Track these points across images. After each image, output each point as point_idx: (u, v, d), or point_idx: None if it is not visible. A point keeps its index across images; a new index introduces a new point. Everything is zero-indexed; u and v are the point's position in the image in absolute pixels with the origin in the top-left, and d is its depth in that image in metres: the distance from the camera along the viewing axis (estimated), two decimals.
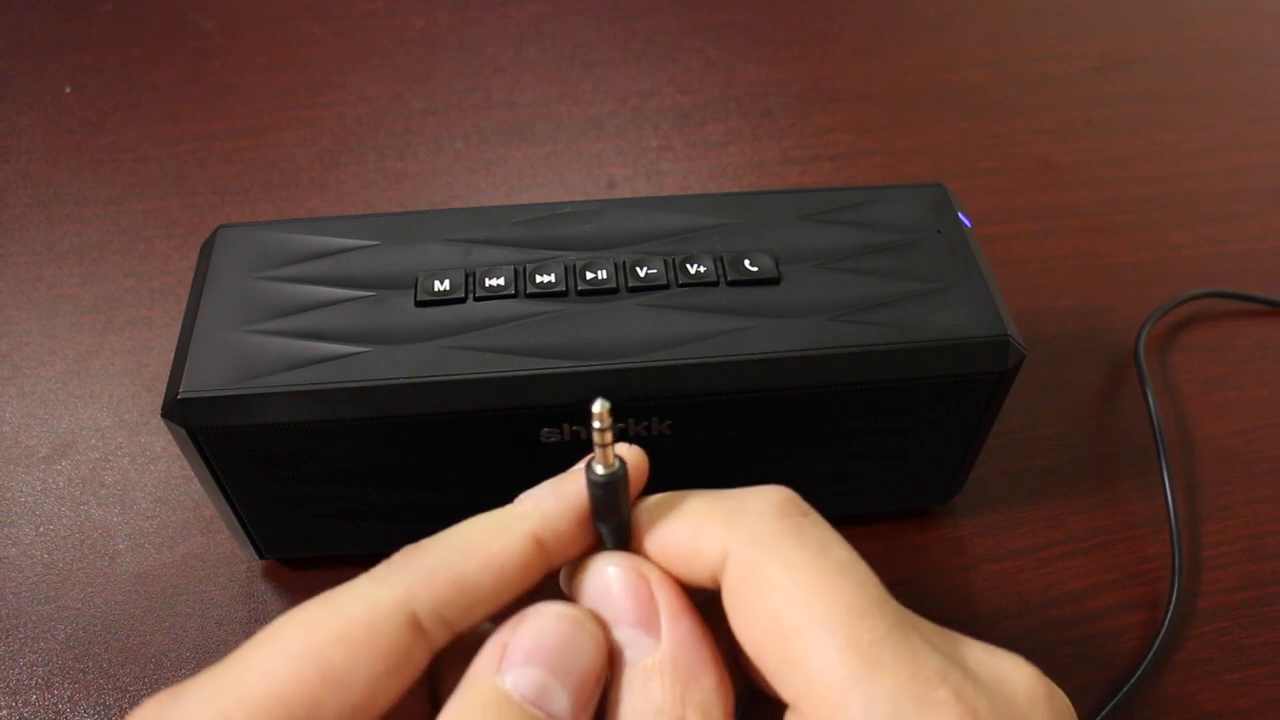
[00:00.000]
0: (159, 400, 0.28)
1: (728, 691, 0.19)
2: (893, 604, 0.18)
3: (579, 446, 0.29)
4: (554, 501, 0.21)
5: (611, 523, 0.21)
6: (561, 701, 0.20)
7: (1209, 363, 0.41)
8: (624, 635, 0.20)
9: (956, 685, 0.17)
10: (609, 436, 0.19)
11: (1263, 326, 0.42)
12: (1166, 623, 0.32)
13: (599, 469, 0.20)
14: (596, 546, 0.22)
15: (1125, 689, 0.31)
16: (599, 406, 0.19)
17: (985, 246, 0.31)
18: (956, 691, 0.17)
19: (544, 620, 0.20)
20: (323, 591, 0.20)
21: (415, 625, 0.19)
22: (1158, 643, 0.32)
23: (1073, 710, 0.19)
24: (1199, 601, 0.33)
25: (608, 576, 0.20)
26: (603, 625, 0.20)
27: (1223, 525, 0.35)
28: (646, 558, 0.21)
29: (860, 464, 0.32)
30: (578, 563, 0.21)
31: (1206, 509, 0.36)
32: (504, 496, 0.31)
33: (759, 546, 0.19)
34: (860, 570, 0.19)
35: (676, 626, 0.20)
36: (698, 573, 0.20)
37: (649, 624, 0.20)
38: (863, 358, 0.28)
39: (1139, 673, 0.31)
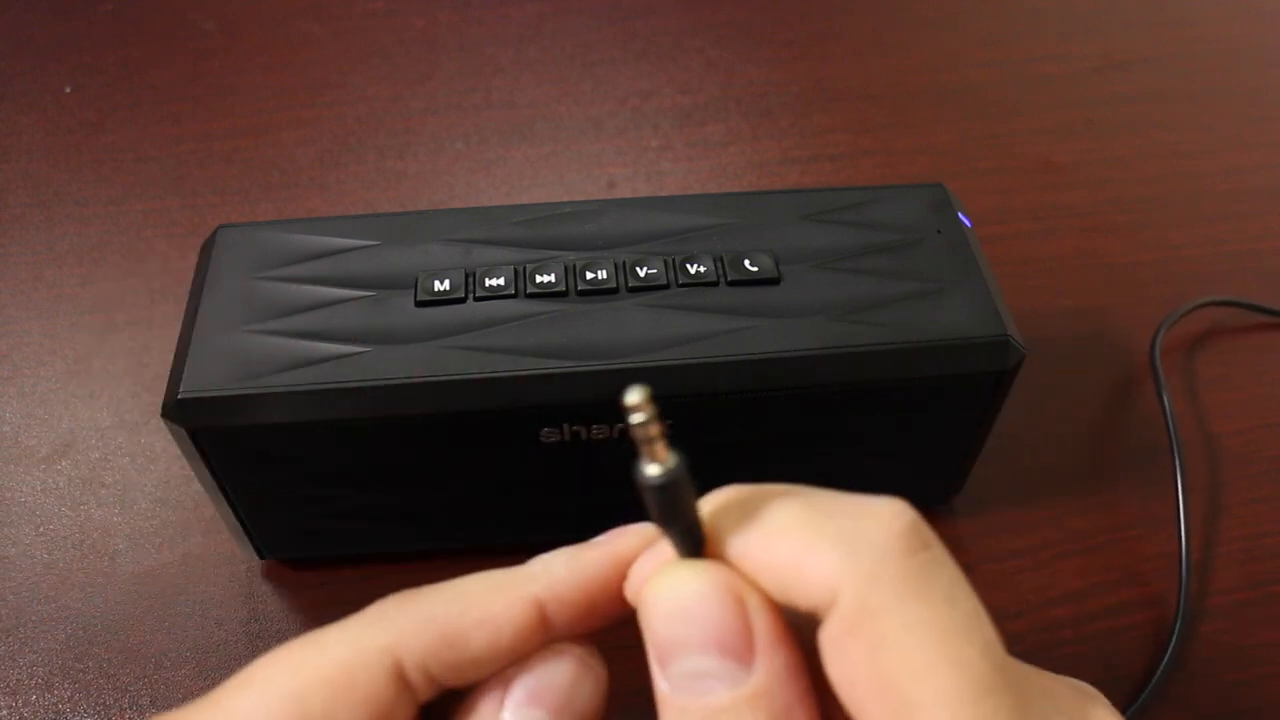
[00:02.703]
0: (159, 400, 0.27)
1: None
2: (1014, 667, 0.16)
3: (579, 446, 0.29)
4: (566, 570, 0.20)
5: (678, 529, 0.18)
6: None
7: (1211, 364, 0.41)
8: (697, 663, 0.17)
9: None
10: (654, 429, 0.17)
11: (1264, 327, 0.42)
12: (1178, 622, 0.32)
13: (651, 469, 0.17)
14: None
15: (1146, 690, 0.31)
16: (634, 396, 0.16)
17: (985, 246, 0.31)
18: None
19: (548, 659, 0.20)
20: (321, 613, 0.19)
21: (399, 675, 0.18)
22: (1173, 643, 0.32)
23: None
24: (1200, 601, 0.33)
25: (689, 592, 0.17)
26: (597, 665, 0.19)
27: (1223, 525, 0.35)
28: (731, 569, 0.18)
29: (860, 464, 0.32)
30: (650, 569, 0.19)
31: (1206, 509, 0.36)
32: (504, 497, 0.31)
33: (878, 592, 0.16)
34: (985, 630, 0.16)
35: (774, 657, 0.17)
36: (792, 599, 0.17)
37: (740, 652, 0.17)
38: (863, 358, 0.28)
39: (1159, 673, 0.31)
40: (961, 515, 0.35)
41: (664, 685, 0.18)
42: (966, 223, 0.32)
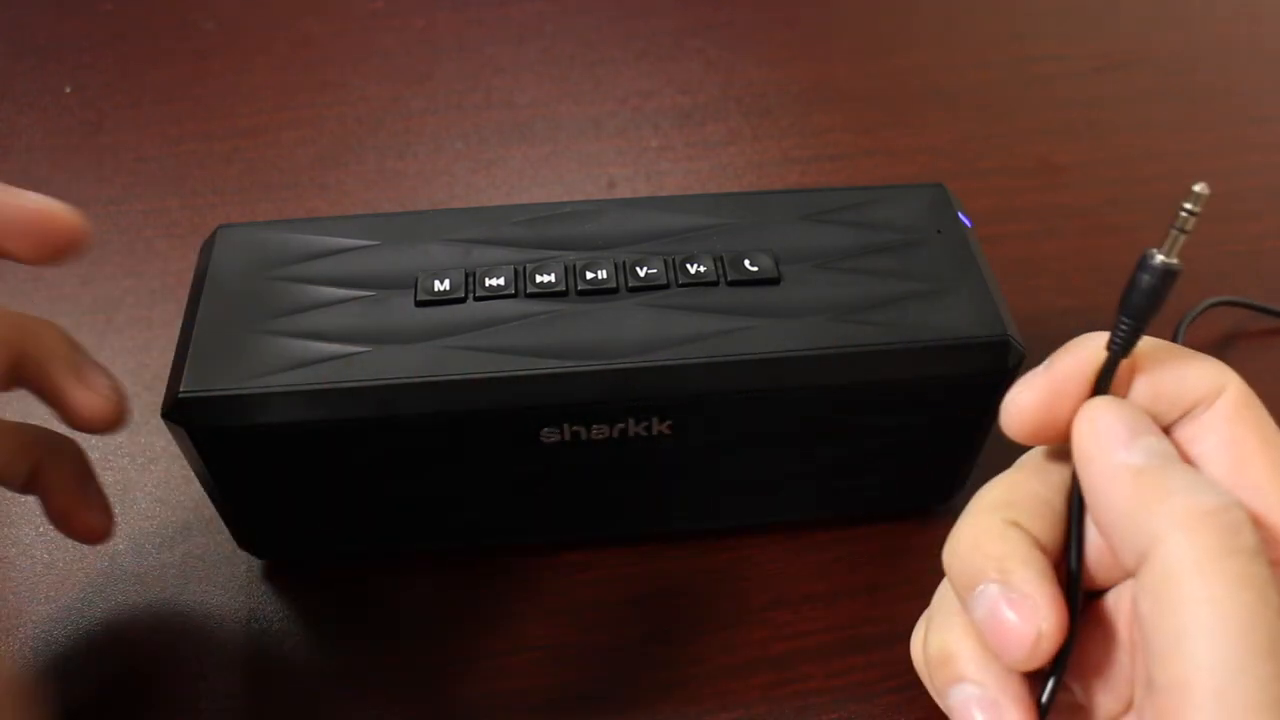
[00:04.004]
0: (159, 400, 0.28)
1: None
2: None
3: (579, 446, 0.29)
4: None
5: (1138, 322, 0.21)
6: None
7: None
8: (1150, 441, 0.20)
9: None
10: (1192, 224, 0.20)
11: (1265, 329, 0.42)
12: None
13: (1161, 256, 0.20)
14: None
15: None
16: (1202, 187, 0.19)
17: (985, 246, 0.31)
18: None
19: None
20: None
21: None
22: None
23: None
24: None
25: (1122, 404, 0.21)
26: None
27: None
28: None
29: (860, 464, 0.32)
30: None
31: None
32: (504, 497, 0.31)
33: (1251, 395, 0.21)
34: None
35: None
36: (1178, 402, 0.21)
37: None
38: (863, 358, 0.28)
39: None
40: None
41: (1137, 459, 0.20)
42: (966, 223, 0.32)
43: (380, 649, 0.32)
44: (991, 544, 0.21)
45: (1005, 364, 0.28)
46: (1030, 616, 0.20)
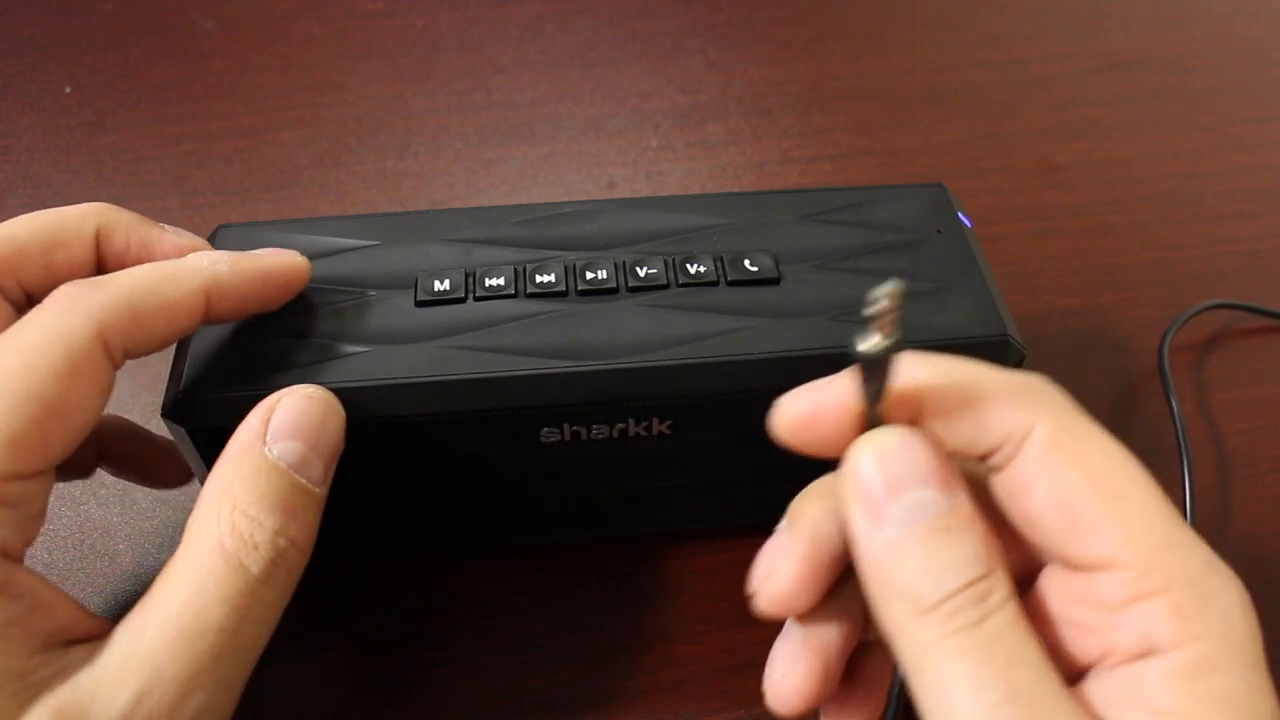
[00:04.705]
0: (159, 400, 0.28)
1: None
2: None
3: (579, 446, 0.29)
4: (229, 270, 0.25)
5: (875, 395, 0.20)
6: (317, 470, 0.24)
7: (1211, 365, 0.41)
8: (917, 496, 0.19)
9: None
10: (894, 317, 0.18)
11: (1265, 329, 0.42)
12: None
13: (874, 338, 0.19)
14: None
15: None
16: (890, 287, 0.18)
17: (985, 246, 0.31)
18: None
19: (300, 401, 0.24)
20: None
21: (109, 354, 0.23)
22: None
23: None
24: None
25: (898, 442, 0.20)
26: (339, 405, 0.25)
27: (1227, 525, 0.35)
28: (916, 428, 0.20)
29: None
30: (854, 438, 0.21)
31: (1210, 509, 0.36)
32: (504, 496, 0.31)
33: (1073, 421, 0.20)
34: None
35: (966, 489, 0.20)
36: (975, 446, 0.20)
37: (950, 483, 0.19)
38: None
39: None
40: None
41: (884, 534, 0.19)
42: (966, 223, 0.32)
43: (380, 649, 0.32)
44: (811, 498, 0.22)
45: (1005, 364, 0.28)
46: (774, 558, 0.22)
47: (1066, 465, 0.19)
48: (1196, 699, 0.17)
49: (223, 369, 0.27)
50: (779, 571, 0.22)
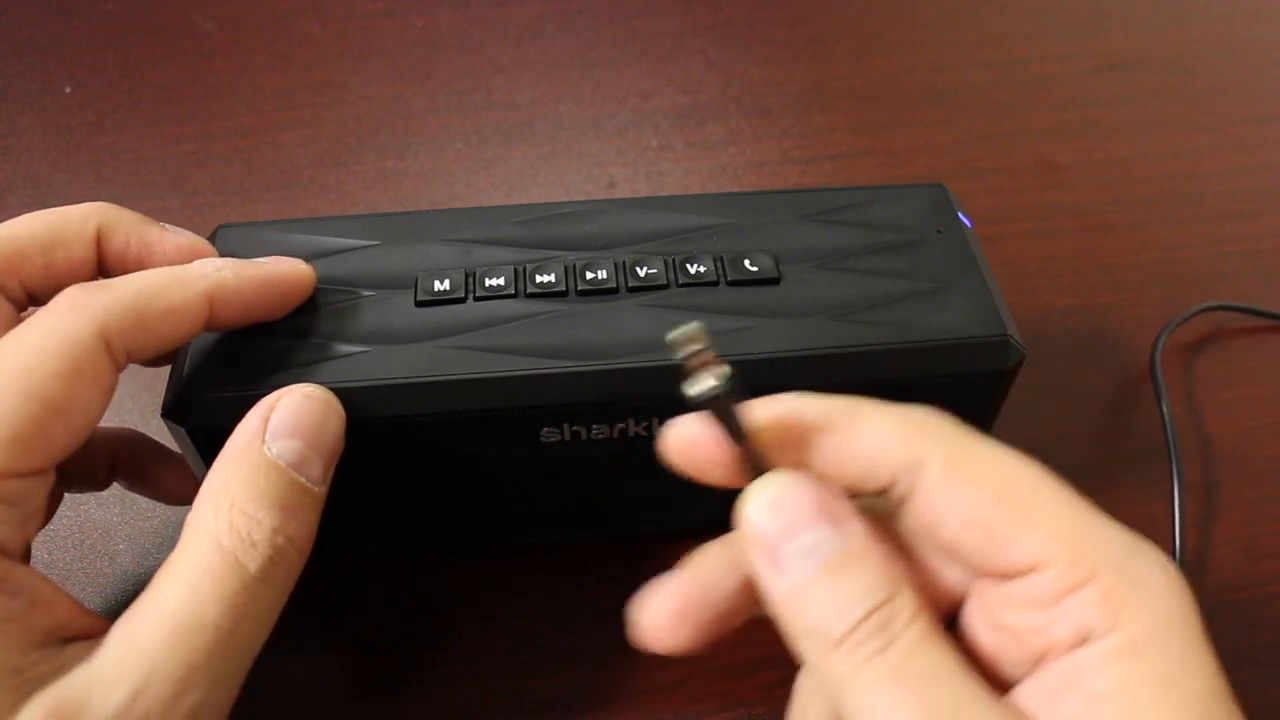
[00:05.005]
0: (159, 400, 0.28)
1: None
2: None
3: (579, 446, 0.29)
4: (233, 276, 0.25)
5: (735, 435, 0.20)
6: (316, 469, 0.24)
7: (1208, 365, 0.41)
8: (808, 538, 0.19)
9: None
10: (708, 355, 0.19)
11: (1264, 330, 0.42)
12: None
13: (706, 382, 0.19)
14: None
15: None
16: (684, 332, 0.19)
17: (985, 246, 0.31)
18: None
19: (299, 400, 0.24)
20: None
21: (111, 355, 0.23)
22: None
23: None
24: (1196, 601, 0.33)
25: (781, 489, 0.20)
26: (338, 404, 0.25)
27: (1221, 526, 0.35)
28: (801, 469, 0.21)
29: None
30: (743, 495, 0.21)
31: (1203, 509, 0.36)
32: (504, 496, 0.31)
33: (964, 445, 0.20)
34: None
35: (861, 520, 0.20)
36: (868, 481, 0.20)
37: (840, 518, 0.20)
38: (863, 358, 0.28)
39: None
40: None
41: (787, 579, 0.19)
42: (966, 223, 0.32)
43: (380, 649, 0.32)
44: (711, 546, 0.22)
45: (1005, 363, 0.28)
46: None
47: (969, 486, 0.19)
48: (1130, 680, 0.18)
49: (223, 369, 0.27)
50: (660, 607, 0.22)
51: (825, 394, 0.21)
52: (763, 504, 0.20)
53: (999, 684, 0.20)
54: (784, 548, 0.19)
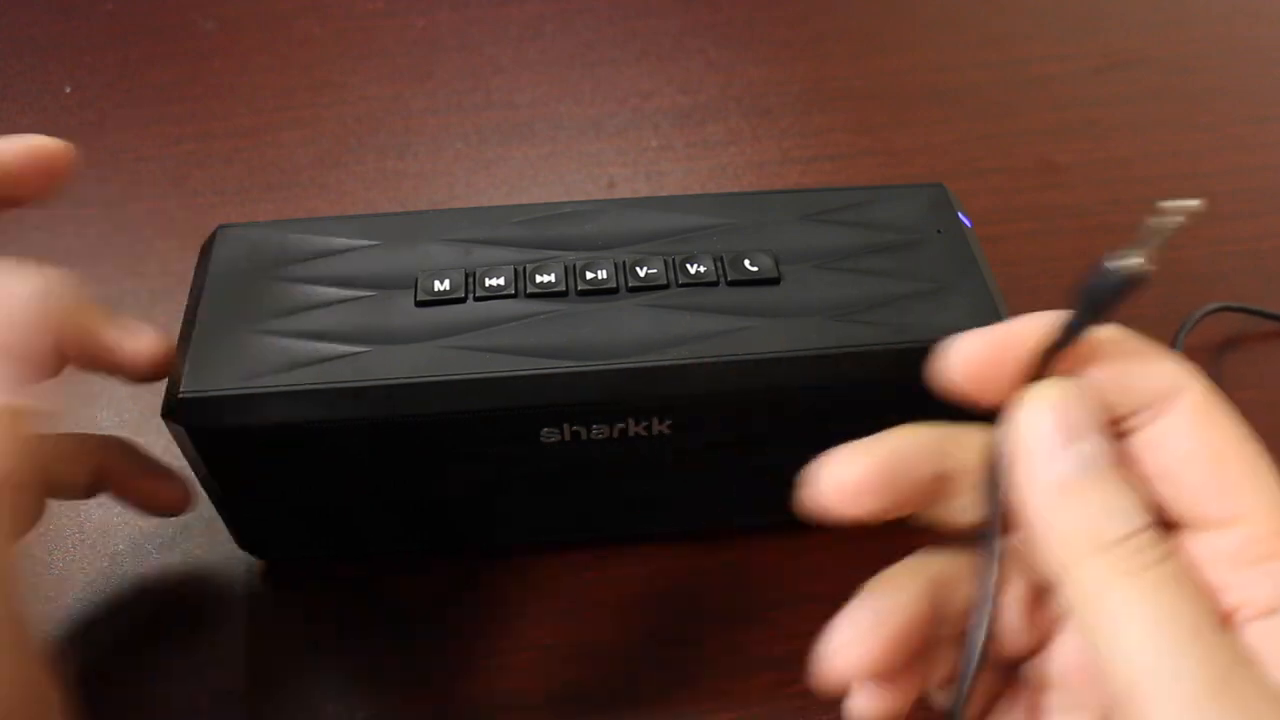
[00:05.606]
0: (159, 400, 0.28)
1: None
2: None
3: (579, 446, 0.29)
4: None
5: (1080, 328, 0.21)
6: None
7: (1209, 366, 0.41)
8: (1085, 446, 0.20)
9: None
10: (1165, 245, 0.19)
11: (1264, 331, 0.42)
12: None
13: (1136, 257, 0.19)
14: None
15: None
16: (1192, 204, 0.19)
17: (985, 246, 0.31)
18: None
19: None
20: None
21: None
22: None
23: None
24: None
25: (1072, 389, 0.21)
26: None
27: None
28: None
29: None
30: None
31: None
32: (504, 497, 0.31)
33: (1214, 395, 0.21)
34: None
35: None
36: (1124, 403, 0.21)
37: (1112, 434, 0.20)
38: (863, 358, 0.28)
39: None
40: None
41: (1068, 472, 0.20)
42: (966, 223, 0.32)
43: (380, 649, 0.32)
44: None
45: None
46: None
47: (1210, 426, 0.20)
48: None
49: (223, 369, 0.27)
50: (848, 470, 0.22)
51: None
52: (1048, 402, 0.20)
53: None
54: (1065, 446, 0.20)
